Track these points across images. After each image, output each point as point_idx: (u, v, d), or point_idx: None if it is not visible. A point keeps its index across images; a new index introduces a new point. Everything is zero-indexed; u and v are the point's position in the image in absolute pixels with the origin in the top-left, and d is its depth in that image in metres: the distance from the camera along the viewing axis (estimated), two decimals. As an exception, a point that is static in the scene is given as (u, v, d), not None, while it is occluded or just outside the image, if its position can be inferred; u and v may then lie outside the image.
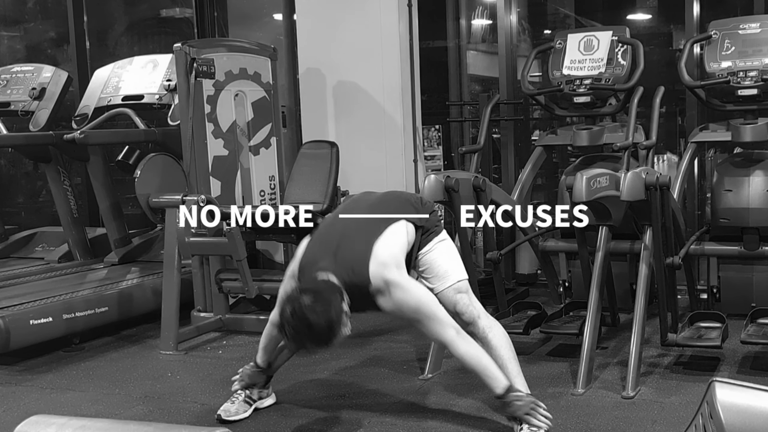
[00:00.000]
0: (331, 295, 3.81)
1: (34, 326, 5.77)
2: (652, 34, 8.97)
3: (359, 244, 4.07)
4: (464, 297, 4.27)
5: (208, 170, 6.53)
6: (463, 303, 4.25)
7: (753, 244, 5.79)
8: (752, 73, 5.72)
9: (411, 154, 7.23)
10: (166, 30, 9.74)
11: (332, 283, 3.91)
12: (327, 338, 3.80)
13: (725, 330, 5.11)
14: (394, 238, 4.13)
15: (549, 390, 4.81)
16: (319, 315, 3.71)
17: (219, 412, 4.59)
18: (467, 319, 4.22)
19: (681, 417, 4.33)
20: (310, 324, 3.71)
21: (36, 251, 8.32)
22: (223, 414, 4.58)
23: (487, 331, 4.21)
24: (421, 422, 4.43)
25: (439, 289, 4.26)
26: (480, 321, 4.22)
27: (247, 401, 4.64)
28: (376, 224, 4.16)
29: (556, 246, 6.38)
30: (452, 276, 4.28)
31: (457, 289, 4.26)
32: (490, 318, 4.34)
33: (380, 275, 3.97)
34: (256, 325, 6.20)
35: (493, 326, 4.26)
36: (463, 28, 9.29)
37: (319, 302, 3.74)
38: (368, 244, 4.04)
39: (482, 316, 4.26)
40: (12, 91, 7.82)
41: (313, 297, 3.75)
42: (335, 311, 3.77)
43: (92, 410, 4.86)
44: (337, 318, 3.78)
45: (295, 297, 3.78)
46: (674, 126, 8.22)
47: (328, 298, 3.78)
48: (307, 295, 3.76)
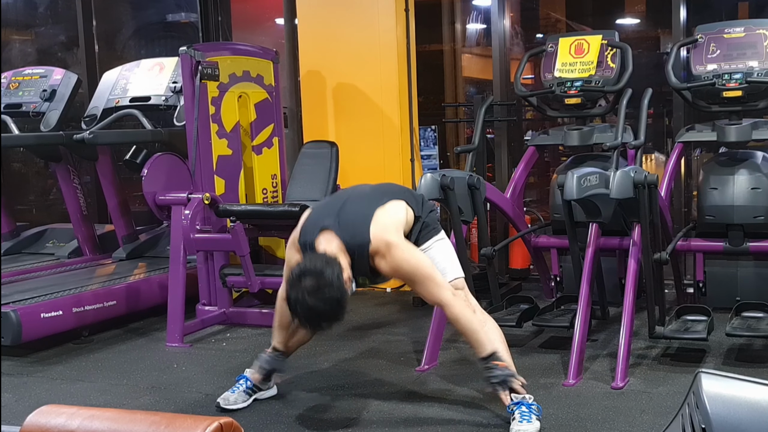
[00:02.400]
0: (330, 273, 3.83)
1: (45, 319, 5.82)
2: (641, 38, 8.97)
3: (362, 208, 4.17)
4: (460, 294, 4.33)
5: (213, 169, 6.58)
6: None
7: (737, 240, 5.80)
8: (737, 75, 5.73)
9: (408, 154, 7.25)
10: (172, 34, 9.73)
11: (329, 257, 3.94)
12: (337, 314, 3.90)
13: (711, 323, 5.15)
14: (395, 210, 4.24)
15: (541, 381, 4.86)
16: (323, 300, 3.79)
17: (218, 400, 4.65)
18: None
19: (668, 407, 4.38)
20: (317, 310, 3.81)
21: (47, 247, 8.31)
22: (222, 402, 4.64)
23: (481, 325, 4.24)
24: (418, 412, 4.49)
25: None
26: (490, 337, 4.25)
27: (248, 392, 4.69)
28: (380, 197, 4.28)
29: (547, 242, 6.41)
30: (449, 274, 4.36)
31: (454, 286, 4.33)
32: (485, 314, 4.42)
33: (380, 236, 4.06)
34: (258, 319, 6.34)
35: (486, 321, 4.33)
36: (458, 32, 9.33)
37: (321, 286, 3.79)
38: (371, 209, 4.14)
39: (477, 312, 4.33)
40: (24, 93, 7.80)
41: (314, 281, 3.80)
42: (337, 288, 3.83)
43: (101, 400, 4.90)
44: (341, 293, 3.85)
45: (296, 283, 3.83)
46: (662, 126, 8.21)
47: (328, 279, 3.82)
48: (307, 278, 3.81)
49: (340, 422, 4.41)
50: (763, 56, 5.77)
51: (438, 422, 4.34)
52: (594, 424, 4.24)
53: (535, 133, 6.91)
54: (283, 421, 4.46)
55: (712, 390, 1.76)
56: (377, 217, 4.13)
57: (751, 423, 1.69)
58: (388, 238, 4.07)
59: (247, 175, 6.97)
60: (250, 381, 4.72)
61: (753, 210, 5.80)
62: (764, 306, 5.42)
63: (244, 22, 9.04)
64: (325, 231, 4.09)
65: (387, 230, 4.10)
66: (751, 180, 5.85)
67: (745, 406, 1.73)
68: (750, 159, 5.98)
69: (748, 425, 1.68)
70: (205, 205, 6.17)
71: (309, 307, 3.82)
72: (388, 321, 6.47)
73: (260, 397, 4.76)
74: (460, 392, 4.77)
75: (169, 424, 1.78)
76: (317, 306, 3.81)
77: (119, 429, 1.82)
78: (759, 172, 5.87)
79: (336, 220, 4.12)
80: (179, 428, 1.76)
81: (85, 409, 1.93)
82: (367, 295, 7.20)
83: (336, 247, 4.04)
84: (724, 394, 1.76)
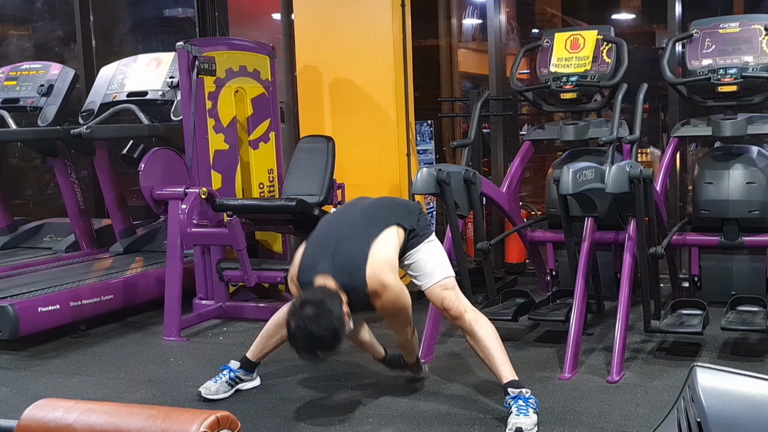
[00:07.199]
0: (331, 304, 3.93)
1: (43, 313, 5.84)
2: (636, 33, 8.98)
3: (356, 246, 4.17)
4: (451, 293, 4.36)
5: (210, 164, 6.60)
6: (450, 299, 4.35)
7: (733, 235, 5.82)
8: (732, 70, 5.75)
9: (404, 148, 7.20)
10: (169, 29, 9.74)
11: (330, 290, 4.02)
12: (334, 344, 3.97)
13: (706, 317, 5.17)
14: (389, 240, 4.25)
15: (537, 375, 4.88)
16: (323, 327, 3.86)
17: (200, 389, 4.71)
18: (454, 314, 4.32)
19: (664, 400, 4.40)
20: (316, 336, 3.87)
21: (44, 241, 8.32)
22: (203, 391, 4.70)
23: (474, 324, 4.28)
24: (414, 405, 4.51)
25: (427, 286, 4.37)
26: (466, 315, 4.30)
27: (230, 383, 4.75)
28: (371, 227, 4.27)
29: (543, 236, 6.41)
30: (439, 273, 4.38)
31: (444, 285, 4.36)
32: (476, 312, 4.42)
33: (377, 278, 4.08)
34: (255, 313, 6.38)
35: (479, 319, 4.34)
36: (454, 27, 9.33)
37: (322, 314, 3.87)
38: (364, 247, 4.15)
39: (468, 311, 4.34)
40: (21, 88, 7.81)
41: (315, 309, 3.88)
42: (337, 318, 3.91)
43: (98, 394, 4.91)
44: (340, 324, 3.93)
45: (298, 311, 3.90)
46: (657, 121, 8.22)
47: (329, 308, 3.90)
48: (308, 307, 3.89)
49: (336, 415, 4.43)
50: (758, 51, 5.78)
51: (434, 416, 4.36)
52: (589, 417, 4.26)
53: (530, 128, 6.91)
54: (279, 415, 4.48)
55: (708, 384, 1.76)
56: (372, 256, 4.14)
57: (746, 417, 1.69)
58: (384, 280, 4.11)
59: (244, 169, 6.98)
60: (234, 371, 4.78)
61: (748, 204, 5.82)
62: (759, 300, 5.44)
63: (240, 17, 9.02)
64: (321, 276, 4.12)
65: (383, 271, 4.13)
66: (746, 174, 5.86)
67: (740, 400, 1.73)
68: (745, 154, 6.00)
69: (744, 419, 1.68)
70: (202, 200, 6.18)
71: (308, 333, 3.88)
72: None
73: (242, 387, 4.82)
74: (455, 386, 4.78)
75: (166, 418, 1.79)
76: (316, 333, 3.87)
77: (116, 423, 1.83)
78: (754, 166, 5.88)
79: (331, 262, 4.14)
80: (176, 422, 1.77)
81: (82, 403, 1.93)
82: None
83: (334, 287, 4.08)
84: (719, 387, 1.76)
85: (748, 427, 1.66)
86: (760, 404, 1.71)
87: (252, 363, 4.83)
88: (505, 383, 4.21)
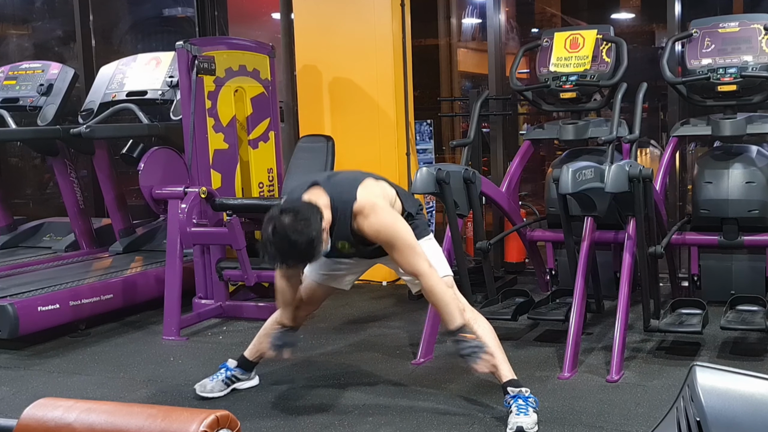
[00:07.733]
0: (310, 214, 3.86)
1: (42, 313, 5.84)
2: (636, 32, 8.99)
3: (354, 175, 4.23)
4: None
5: (209, 163, 6.60)
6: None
7: (732, 234, 5.82)
8: (731, 69, 5.75)
9: (404, 148, 7.25)
10: (169, 29, 9.74)
11: (312, 204, 3.96)
12: (308, 254, 3.90)
13: (706, 316, 5.17)
14: (385, 186, 4.28)
15: (536, 374, 4.88)
16: (299, 233, 3.78)
17: (196, 386, 4.71)
18: None
19: (663, 400, 4.40)
20: (291, 242, 3.78)
21: (44, 241, 8.32)
22: (199, 389, 4.70)
23: (472, 323, 4.25)
24: (414, 404, 4.51)
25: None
26: (464, 314, 4.25)
27: (227, 381, 4.74)
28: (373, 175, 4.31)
29: (543, 236, 6.42)
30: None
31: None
32: (475, 311, 4.42)
33: (367, 197, 4.07)
34: (255, 312, 6.36)
35: (477, 318, 4.33)
36: (454, 27, 9.34)
37: (299, 221, 3.80)
38: (362, 177, 4.20)
39: (467, 310, 4.32)
40: (21, 87, 7.80)
41: (293, 216, 3.81)
42: (315, 228, 3.83)
43: (97, 393, 4.90)
44: (317, 235, 3.84)
45: (276, 216, 3.83)
46: (657, 121, 8.23)
47: (307, 216, 3.83)
48: (287, 214, 3.82)
49: (336, 415, 4.43)
50: (757, 51, 5.79)
51: (433, 415, 4.36)
52: (589, 417, 4.27)
53: (530, 127, 6.91)
54: (278, 413, 4.49)
55: (707, 383, 1.74)
56: (367, 183, 4.17)
57: (745, 416, 1.68)
58: (374, 200, 4.09)
59: (244, 169, 6.98)
60: (231, 371, 4.77)
61: (747, 204, 5.82)
62: (759, 299, 5.44)
63: (240, 16, 9.04)
64: (315, 186, 4.11)
65: (374, 194, 4.14)
66: (746, 174, 5.86)
67: (739, 399, 1.72)
68: (744, 153, 6.00)
69: (743, 418, 1.67)
70: (202, 199, 6.18)
71: (284, 236, 3.79)
72: (384, 314, 6.49)
73: (240, 387, 4.81)
74: (455, 386, 4.78)
75: (166, 417, 1.78)
76: (292, 237, 3.78)
77: (116, 422, 1.82)
78: (753, 166, 5.88)
79: (326, 178, 4.20)
80: (176, 421, 1.76)
81: (82, 402, 1.92)
82: (363, 289, 7.21)
83: (322, 203, 4.02)
84: (718, 387, 1.74)
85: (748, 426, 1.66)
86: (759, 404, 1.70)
87: (249, 362, 4.81)
88: (504, 382, 4.20)
